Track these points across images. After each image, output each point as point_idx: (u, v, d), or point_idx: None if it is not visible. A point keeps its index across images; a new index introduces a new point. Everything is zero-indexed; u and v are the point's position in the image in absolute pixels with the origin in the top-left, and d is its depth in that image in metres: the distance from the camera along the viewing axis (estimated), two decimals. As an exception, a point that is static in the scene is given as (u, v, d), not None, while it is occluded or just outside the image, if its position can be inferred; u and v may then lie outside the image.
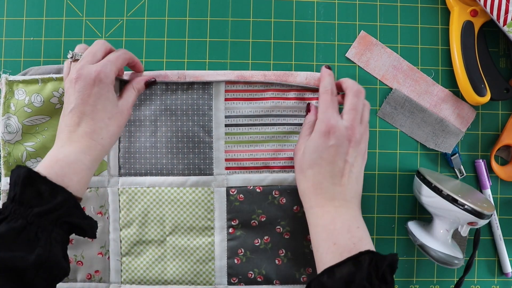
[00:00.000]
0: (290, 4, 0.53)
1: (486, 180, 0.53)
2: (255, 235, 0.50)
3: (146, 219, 0.50)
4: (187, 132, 0.50)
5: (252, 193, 0.50)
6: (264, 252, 0.50)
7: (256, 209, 0.50)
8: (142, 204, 0.50)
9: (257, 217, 0.50)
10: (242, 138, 0.50)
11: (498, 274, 0.54)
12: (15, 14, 0.53)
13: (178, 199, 0.50)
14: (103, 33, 0.53)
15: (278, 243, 0.50)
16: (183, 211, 0.50)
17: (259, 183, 0.50)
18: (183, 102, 0.49)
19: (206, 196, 0.50)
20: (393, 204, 0.53)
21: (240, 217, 0.50)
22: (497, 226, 0.53)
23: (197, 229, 0.50)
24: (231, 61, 0.53)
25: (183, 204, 0.50)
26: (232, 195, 0.50)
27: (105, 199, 0.50)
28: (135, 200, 0.50)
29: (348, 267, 0.36)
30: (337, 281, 0.36)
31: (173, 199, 0.50)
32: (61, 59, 0.53)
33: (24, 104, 0.48)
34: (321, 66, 0.50)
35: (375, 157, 0.53)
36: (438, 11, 0.54)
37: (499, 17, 0.49)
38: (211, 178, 0.50)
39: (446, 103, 0.53)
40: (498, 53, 0.54)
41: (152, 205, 0.50)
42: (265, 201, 0.50)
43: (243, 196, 0.50)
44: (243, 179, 0.50)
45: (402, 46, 0.53)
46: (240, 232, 0.50)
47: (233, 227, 0.50)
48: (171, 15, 0.53)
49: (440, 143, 0.53)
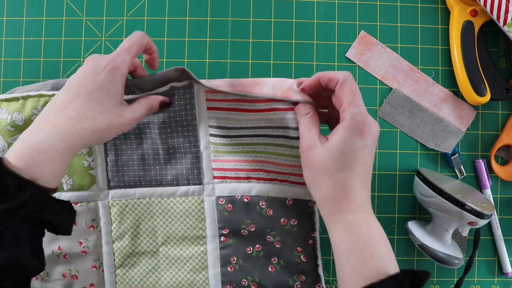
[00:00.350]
0: (290, 4, 0.53)
1: (486, 180, 0.53)
2: (247, 243, 0.50)
3: (138, 230, 0.50)
4: (173, 143, 0.48)
5: (240, 203, 0.49)
6: (257, 260, 0.50)
7: (245, 219, 0.49)
8: (133, 216, 0.50)
9: (247, 226, 0.49)
10: (227, 149, 0.49)
11: (498, 274, 0.54)
12: (15, 14, 0.53)
13: (169, 210, 0.50)
14: (103, 33, 0.53)
15: (270, 251, 0.50)
16: (174, 221, 0.50)
17: (246, 193, 0.49)
18: (165, 114, 0.47)
19: (197, 205, 0.50)
20: (393, 204, 0.53)
21: (230, 226, 0.50)
22: (497, 226, 0.53)
23: (189, 239, 0.50)
24: (231, 61, 0.53)
25: (174, 214, 0.50)
26: (221, 205, 0.49)
27: (96, 213, 0.50)
28: (126, 212, 0.50)
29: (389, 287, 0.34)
30: None
31: (163, 209, 0.50)
32: (61, 59, 0.53)
33: (6, 123, 0.47)
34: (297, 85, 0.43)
35: (375, 157, 0.53)
36: (438, 11, 0.54)
37: (499, 17, 0.49)
38: (200, 187, 0.49)
39: (446, 103, 0.53)
40: (498, 53, 0.54)
41: (144, 216, 0.50)
42: (253, 211, 0.49)
43: (231, 206, 0.49)
44: (230, 189, 0.49)
45: (402, 46, 0.53)
46: (232, 241, 0.50)
47: (224, 236, 0.50)
48: (171, 15, 0.53)
49: (440, 143, 0.53)
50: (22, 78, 0.53)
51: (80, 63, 0.53)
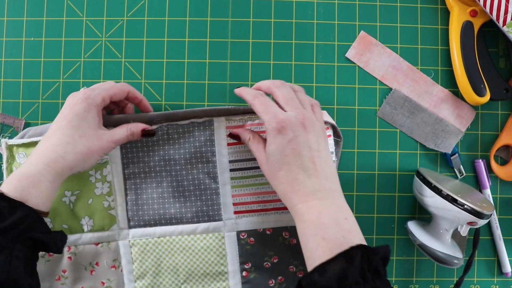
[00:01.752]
0: (290, 4, 0.53)
1: (485, 180, 0.53)
2: (269, 276, 0.50)
3: (159, 269, 0.50)
4: (193, 180, 0.49)
5: (262, 236, 0.50)
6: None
7: (267, 251, 0.50)
8: (154, 254, 0.50)
9: (269, 258, 0.50)
10: (248, 182, 0.49)
11: (498, 274, 0.54)
12: (16, 14, 0.53)
13: (190, 247, 0.49)
14: (103, 33, 0.53)
15: (292, 281, 0.50)
16: (195, 258, 0.50)
17: (269, 225, 0.49)
18: (186, 151, 0.48)
19: (217, 241, 0.49)
20: (393, 204, 0.53)
21: (253, 260, 0.50)
22: (497, 226, 0.53)
23: (211, 275, 0.50)
24: (231, 61, 0.53)
25: (195, 251, 0.49)
26: (243, 239, 0.50)
27: (117, 253, 0.50)
28: (147, 251, 0.50)
29: (340, 263, 0.35)
30: (329, 278, 0.35)
31: (184, 247, 0.49)
32: (61, 59, 0.53)
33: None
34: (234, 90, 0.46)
35: (374, 157, 0.53)
36: (438, 12, 0.54)
37: (498, 17, 0.49)
38: (221, 223, 0.49)
39: (445, 103, 0.53)
40: (498, 53, 0.54)
41: (165, 254, 0.50)
42: (276, 242, 0.49)
43: (253, 239, 0.50)
44: (252, 222, 0.49)
45: (401, 46, 0.53)
46: (254, 275, 0.50)
47: (246, 270, 0.50)
48: (171, 15, 0.53)
49: (440, 143, 0.53)
50: (23, 79, 0.53)
51: (81, 63, 0.53)
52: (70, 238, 0.48)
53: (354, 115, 0.53)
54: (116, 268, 0.50)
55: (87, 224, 0.49)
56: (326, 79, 0.53)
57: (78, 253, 0.49)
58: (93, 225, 0.49)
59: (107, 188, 0.49)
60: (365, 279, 0.34)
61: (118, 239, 0.49)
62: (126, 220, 0.49)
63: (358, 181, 0.53)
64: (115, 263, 0.50)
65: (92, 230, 0.49)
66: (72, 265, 0.49)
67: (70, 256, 0.49)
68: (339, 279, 0.34)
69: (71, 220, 0.48)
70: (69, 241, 0.48)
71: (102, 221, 0.49)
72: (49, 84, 0.53)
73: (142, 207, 0.49)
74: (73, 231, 0.48)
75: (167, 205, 0.49)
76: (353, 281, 0.34)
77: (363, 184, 0.53)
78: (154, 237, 0.49)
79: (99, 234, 0.49)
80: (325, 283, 0.35)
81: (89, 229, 0.49)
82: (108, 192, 0.49)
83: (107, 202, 0.49)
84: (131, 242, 0.49)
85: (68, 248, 0.49)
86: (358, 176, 0.53)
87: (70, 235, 0.48)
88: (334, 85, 0.53)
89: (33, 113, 0.53)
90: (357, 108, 0.53)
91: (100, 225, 0.49)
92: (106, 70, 0.53)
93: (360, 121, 0.53)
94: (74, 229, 0.48)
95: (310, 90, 0.53)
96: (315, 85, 0.53)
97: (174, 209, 0.49)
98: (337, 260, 0.35)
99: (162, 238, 0.49)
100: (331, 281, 0.34)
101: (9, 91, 0.53)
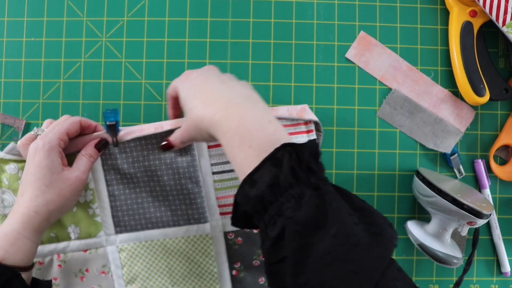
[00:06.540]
0: (290, 4, 0.53)
1: (485, 180, 0.53)
2: (259, 274, 0.50)
3: (149, 272, 0.50)
4: (175, 185, 0.49)
5: (249, 235, 0.50)
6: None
7: (256, 249, 0.50)
8: (143, 258, 0.50)
9: (258, 257, 0.50)
10: (232, 183, 0.49)
11: (497, 274, 0.54)
12: (16, 14, 0.53)
13: (178, 249, 0.50)
14: (103, 33, 0.53)
15: None
16: (184, 261, 0.50)
17: None
18: (166, 156, 0.48)
19: (205, 243, 0.50)
20: (392, 204, 0.53)
21: (241, 259, 0.50)
22: (496, 225, 0.53)
23: (201, 276, 0.50)
24: (231, 62, 0.53)
25: (184, 253, 0.50)
26: (230, 239, 0.50)
27: (106, 259, 0.50)
28: (136, 256, 0.50)
29: (268, 169, 0.32)
30: (261, 187, 0.32)
31: (173, 250, 0.50)
32: (61, 59, 0.53)
33: (17, 178, 0.47)
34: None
35: (374, 157, 0.53)
36: (438, 12, 0.54)
37: (498, 17, 0.49)
38: (207, 225, 0.49)
39: (445, 103, 0.53)
40: (497, 54, 0.54)
41: (154, 258, 0.50)
42: None
43: (241, 239, 0.50)
44: None
45: (401, 46, 0.53)
46: (244, 274, 0.50)
47: (236, 270, 0.50)
48: (171, 15, 0.53)
49: (440, 143, 0.53)
50: (23, 79, 0.53)
51: (81, 63, 0.53)
52: (58, 246, 0.49)
53: (354, 115, 0.53)
54: (106, 273, 0.50)
55: (74, 232, 0.49)
56: (326, 79, 0.53)
57: (68, 260, 0.49)
58: (80, 233, 0.49)
59: (90, 196, 0.49)
60: (298, 178, 0.32)
61: (106, 245, 0.49)
62: (112, 226, 0.49)
63: (358, 181, 0.53)
64: (104, 269, 0.50)
65: (79, 238, 0.49)
66: (62, 273, 0.49)
67: (60, 264, 0.49)
68: (271, 185, 0.32)
69: (57, 228, 0.48)
70: (57, 249, 0.49)
71: (88, 229, 0.49)
72: (50, 84, 0.53)
73: (127, 212, 0.49)
74: (61, 239, 0.49)
75: (153, 209, 0.49)
76: (285, 184, 0.32)
77: (362, 184, 0.53)
78: (142, 241, 0.49)
79: (87, 241, 0.49)
80: (257, 193, 0.32)
81: (76, 236, 0.49)
82: (92, 199, 0.49)
83: (92, 209, 0.49)
84: (119, 248, 0.50)
85: (57, 256, 0.49)
86: (358, 176, 0.53)
87: (58, 243, 0.49)
88: (334, 85, 0.53)
89: (34, 113, 0.53)
90: (357, 108, 0.53)
91: (87, 232, 0.49)
92: (106, 70, 0.53)
93: (360, 121, 0.53)
94: (62, 237, 0.49)
95: (310, 90, 0.53)
96: (315, 85, 0.53)
97: (160, 213, 0.49)
98: (264, 166, 0.32)
99: (150, 242, 0.50)
100: (263, 190, 0.32)
101: (10, 91, 0.53)
